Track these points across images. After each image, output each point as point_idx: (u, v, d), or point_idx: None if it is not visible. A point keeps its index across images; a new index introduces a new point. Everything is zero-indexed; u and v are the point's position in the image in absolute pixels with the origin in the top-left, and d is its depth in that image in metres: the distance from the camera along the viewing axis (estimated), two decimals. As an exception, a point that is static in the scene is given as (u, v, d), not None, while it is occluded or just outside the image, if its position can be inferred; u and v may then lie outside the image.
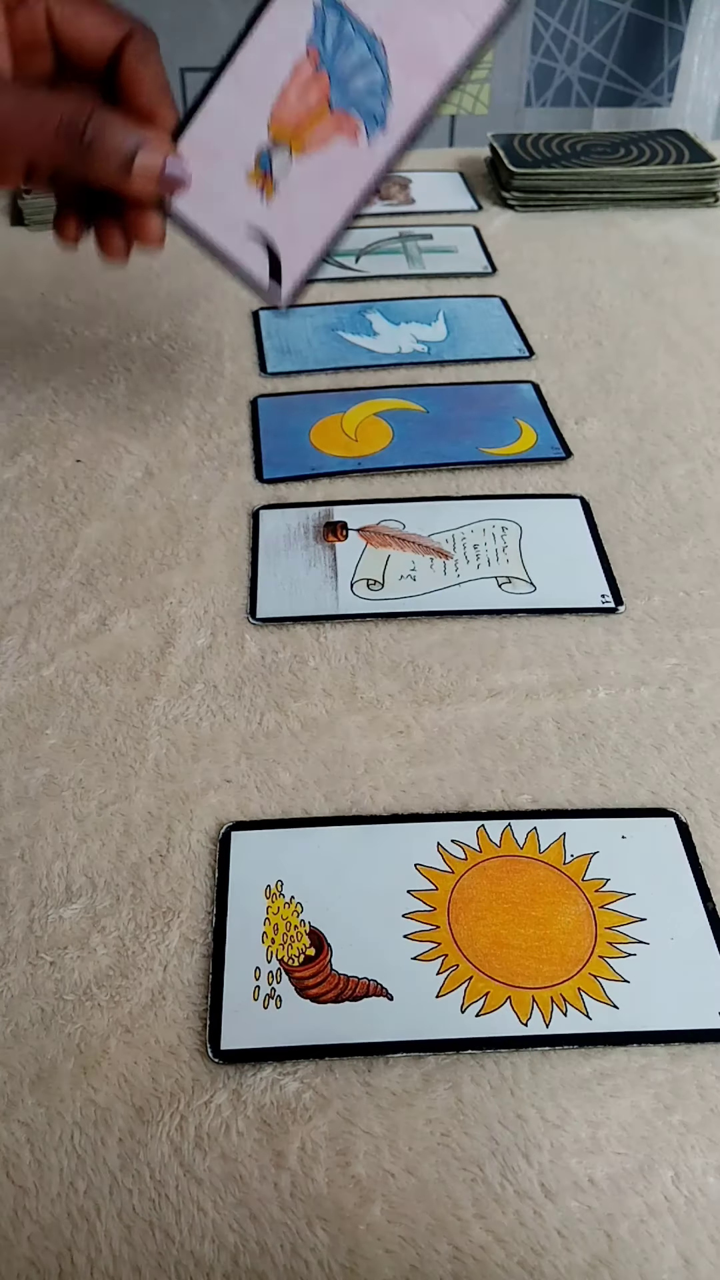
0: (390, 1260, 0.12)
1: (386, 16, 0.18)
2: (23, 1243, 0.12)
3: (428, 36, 0.18)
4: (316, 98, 0.19)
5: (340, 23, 0.18)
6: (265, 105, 0.19)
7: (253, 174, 0.19)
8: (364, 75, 0.19)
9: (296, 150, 0.19)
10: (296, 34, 0.18)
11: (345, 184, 0.20)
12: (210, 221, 0.20)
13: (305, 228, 0.20)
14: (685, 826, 0.17)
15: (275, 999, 0.14)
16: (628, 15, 0.71)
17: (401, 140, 0.19)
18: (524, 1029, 0.14)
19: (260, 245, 0.20)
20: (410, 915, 0.15)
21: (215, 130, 0.19)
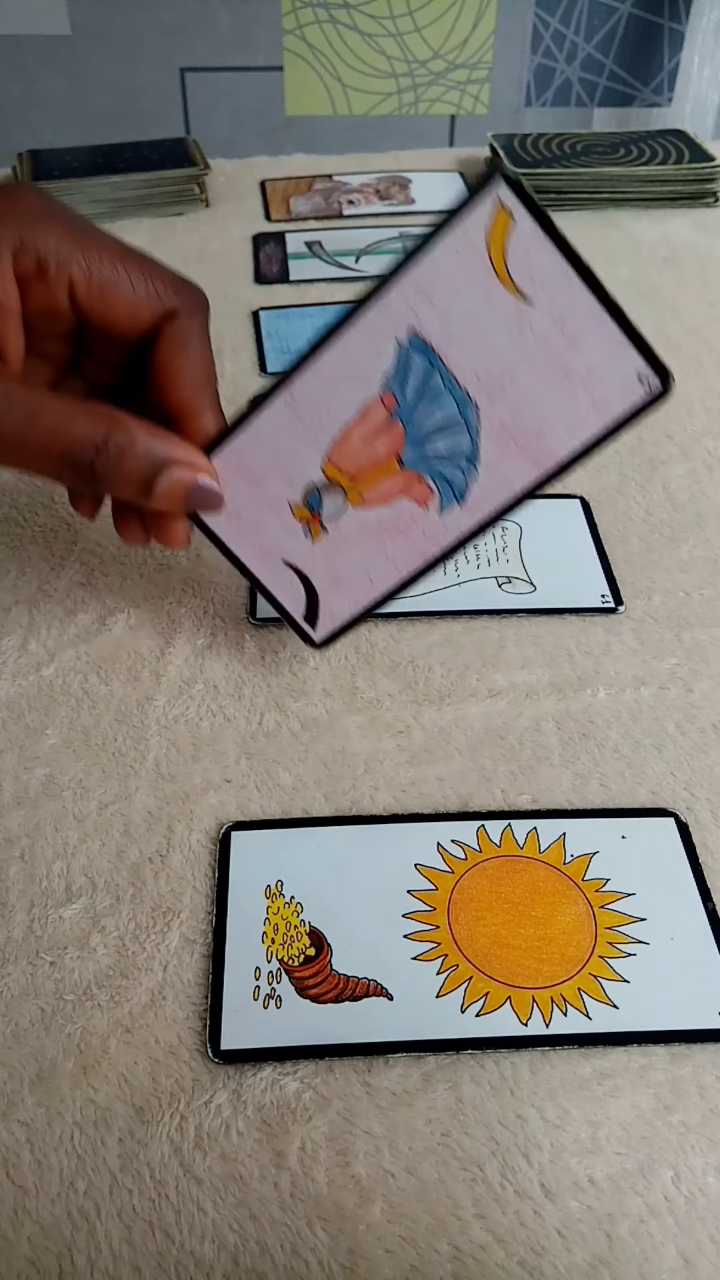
0: (390, 1260, 0.12)
1: (489, 379, 0.14)
2: (23, 1243, 0.12)
3: (537, 414, 0.14)
4: (385, 450, 0.15)
5: (428, 371, 0.14)
6: (322, 442, 0.15)
7: (298, 509, 0.16)
8: (447, 438, 0.14)
9: (353, 500, 0.15)
10: (371, 371, 0.14)
11: (406, 550, 0.16)
12: (243, 544, 0.17)
13: (352, 581, 0.16)
14: (685, 826, 0.17)
15: (275, 999, 0.14)
16: (628, 15, 0.71)
17: (481, 521, 0.15)
18: (524, 1029, 0.14)
19: (298, 580, 0.16)
20: (410, 915, 0.15)
21: (260, 453, 0.15)
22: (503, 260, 0.13)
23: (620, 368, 0.13)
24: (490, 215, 0.13)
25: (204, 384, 0.16)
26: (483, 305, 0.13)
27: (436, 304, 0.13)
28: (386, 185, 0.38)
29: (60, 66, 0.71)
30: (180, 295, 0.16)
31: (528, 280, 0.13)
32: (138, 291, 0.15)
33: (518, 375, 0.14)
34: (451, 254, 0.13)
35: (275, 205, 0.37)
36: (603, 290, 0.13)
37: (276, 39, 0.71)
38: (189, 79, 0.73)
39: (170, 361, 0.15)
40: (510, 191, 0.13)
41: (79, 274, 0.15)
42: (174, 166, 0.36)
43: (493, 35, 0.72)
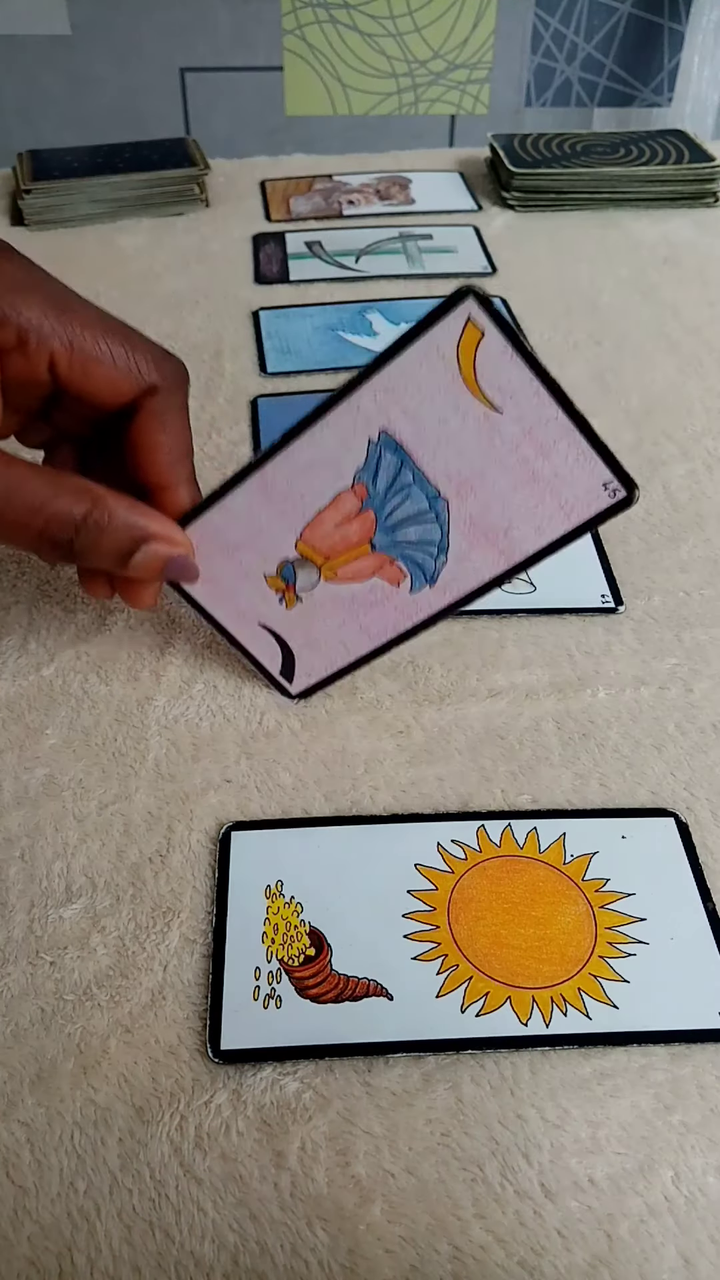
0: (390, 1260, 0.12)
1: (458, 478, 0.14)
2: (23, 1242, 0.12)
3: (505, 513, 0.14)
4: (357, 534, 0.15)
5: (399, 469, 0.14)
6: (295, 523, 0.15)
7: (272, 579, 0.16)
8: (417, 528, 0.15)
9: (327, 576, 0.16)
10: (343, 463, 0.15)
11: (380, 621, 0.16)
12: (218, 606, 0.17)
13: (327, 645, 0.17)
14: (685, 826, 0.17)
15: (275, 999, 0.14)
16: (628, 15, 0.71)
17: (451, 602, 0.16)
18: (524, 1029, 0.14)
19: (273, 640, 0.17)
20: (410, 915, 0.15)
21: (234, 527, 0.16)
22: (472, 371, 0.13)
23: (586, 476, 0.14)
24: (460, 329, 0.13)
25: (180, 459, 0.16)
26: (452, 412, 0.14)
27: (407, 408, 0.14)
28: (386, 185, 0.38)
29: (60, 66, 0.71)
30: (161, 370, 0.15)
31: (496, 391, 0.13)
32: (119, 367, 0.15)
33: (487, 476, 0.14)
34: (421, 362, 0.13)
35: (275, 205, 0.37)
36: (569, 404, 0.13)
37: (276, 39, 0.71)
38: (189, 79, 0.73)
39: (148, 436, 0.15)
40: (480, 309, 0.13)
41: (60, 348, 0.14)
42: (174, 166, 0.36)
43: (493, 35, 0.72)
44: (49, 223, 0.36)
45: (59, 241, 0.35)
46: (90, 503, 0.15)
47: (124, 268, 0.33)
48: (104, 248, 0.34)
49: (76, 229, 0.35)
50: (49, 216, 0.35)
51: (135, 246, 0.34)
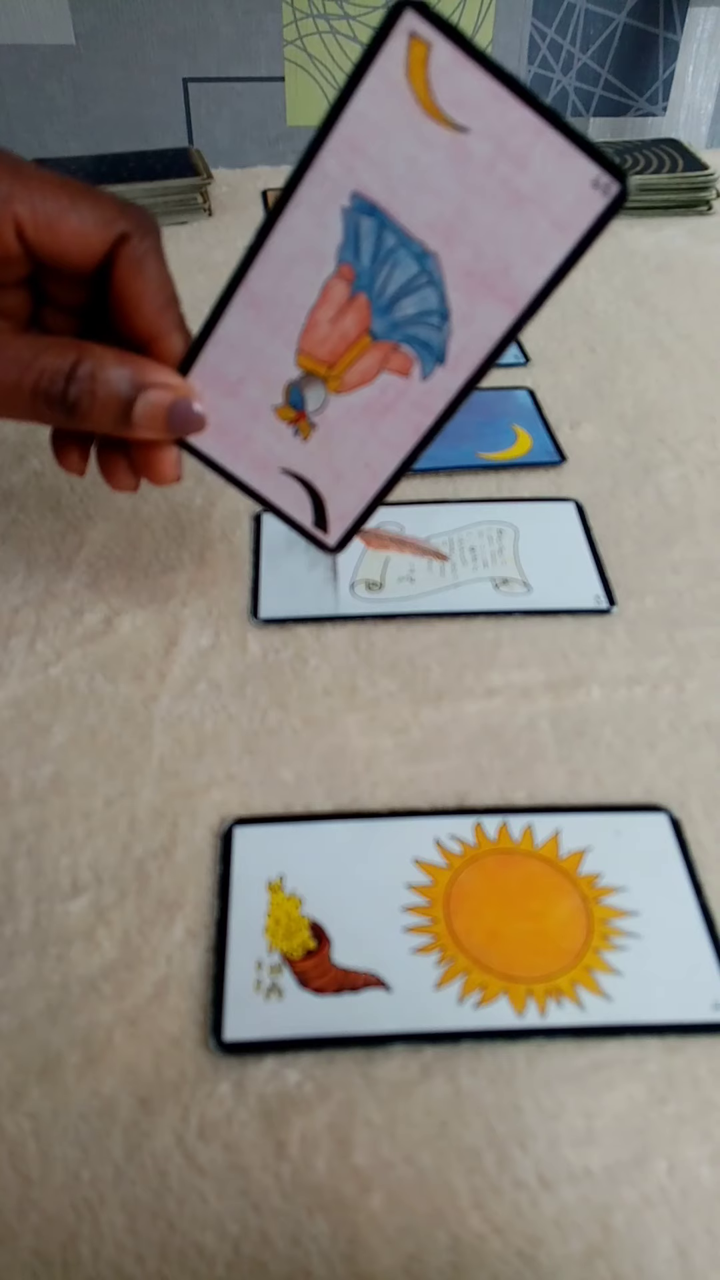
0: (390, 1249, 0.12)
1: (441, 224, 0.13)
2: (28, 1233, 0.13)
3: (499, 250, 0.13)
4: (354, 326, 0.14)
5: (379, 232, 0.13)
6: (290, 334, 0.14)
7: (282, 410, 0.15)
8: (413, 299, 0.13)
9: (334, 387, 0.14)
10: (323, 247, 0.13)
11: (399, 426, 0.15)
12: (236, 460, 0.16)
13: (352, 472, 0.15)
14: (677, 822, 0.17)
15: (277, 991, 0.14)
16: (623, 25, 0.72)
17: (467, 378, 0.14)
18: (520, 1021, 0.14)
19: (300, 486, 0.16)
20: (409, 909, 0.15)
21: (231, 361, 0.15)
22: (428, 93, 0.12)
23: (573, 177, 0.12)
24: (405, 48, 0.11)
25: (166, 305, 0.15)
26: (419, 145, 0.12)
27: (372, 157, 0.12)
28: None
29: (65, 76, 0.72)
30: (129, 218, 0.15)
31: (458, 108, 0.12)
32: (85, 219, 0.14)
33: (470, 212, 0.13)
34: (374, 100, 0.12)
35: (276, 214, 0.38)
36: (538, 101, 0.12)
37: (278, 50, 0.72)
38: (192, 89, 0.73)
39: (129, 287, 0.15)
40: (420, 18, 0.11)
41: (23, 210, 0.14)
42: (177, 176, 0.36)
43: (490, 46, 0.73)
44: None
45: (64, 250, 0.35)
46: (77, 353, 0.14)
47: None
48: (108, 256, 0.35)
49: (81, 237, 0.36)
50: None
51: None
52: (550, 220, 0.13)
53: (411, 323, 0.14)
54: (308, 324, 0.14)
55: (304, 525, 0.17)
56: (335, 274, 0.14)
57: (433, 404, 0.15)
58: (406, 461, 0.16)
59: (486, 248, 0.13)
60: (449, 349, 0.14)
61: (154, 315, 0.15)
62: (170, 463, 0.16)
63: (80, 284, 0.16)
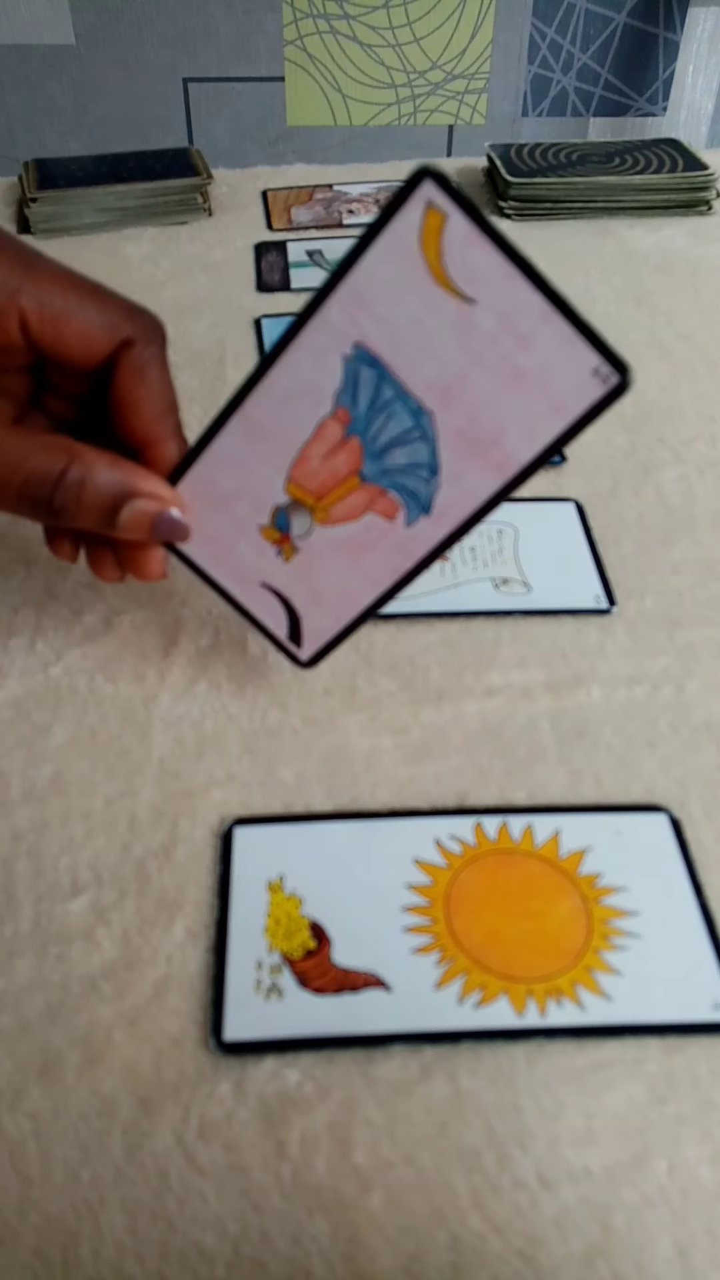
0: (390, 1249, 0.12)
1: (441, 386, 0.13)
2: (28, 1233, 0.13)
3: (494, 419, 0.13)
4: (345, 466, 0.14)
5: (378, 384, 0.13)
6: (282, 462, 0.14)
7: (267, 530, 0.15)
8: (405, 450, 0.14)
9: (320, 518, 0.15)
10: (321, 388, 0.13)
11: (380, 564, 0.15)
12: (217, 567, 0.16)
13: (330, 597, 0.16)
14: (677, 822, 0.17)
15: (277, 991, 0.14)
16: (623, 25, 0.72)
17: (450, 531, 0.14)
18: (520, 1021, 0.14)
19: (277, 600, 0.16)
20: (409, 909, 0.15)
21: (222, 477, 0.15)
22: (439, 261, 0.12)
23: (574, 364, 0.12)
24: (420, 216, 0.12)
25: (165, 413, 0.15)
26: (425, 310, 0.12)
27: (377, 314, 0.13)
28: (386, 195, 0.39)
29: (65, 76, 0.72)
30: (135, 323, 0.15)
31: (468, 280, 0.12)
32: (91, 321, 0.15)
33: (470, 379, 0.13)
34: (385, 261, 0.12)
35: (277, 214, 0.38)
36: (547, 285, 0.12)
37: (278, 50, 0.72)
38: (192, 89, 0.74)
39: (129, 392, 0.15)
40: (438, 189, 0.12)
41: (30, 304, 0.14)
42: (177, 176, 0.36)
43: (490, 46, 0.73)
44: (54, 231, 0.36)
45: (64, 250, 0.35)
46: (68, 457, 0.14)
47: (128, 276, 0.34)
48: (108, 256, 0.35)
49: (81, 238, 0.36)
50: (54, 225, 0.36)
51: (139, 255, 0.35)
52: (548, 400, 0.13)
53: (401, 472, 0.14)
54: (300, 456, 0.15)
55: (278, 637, 0.17)
56: (331, 414, 0.14)
57: (414, 549, 0.15)
58: (384, 596, 0.16)
59: (482, 414, 0.13)
60: (435, 502, 0.14)
61: (151, 422, 0.15)
62: (156, 562, 0.16)
63: (81, 377, 0.16)
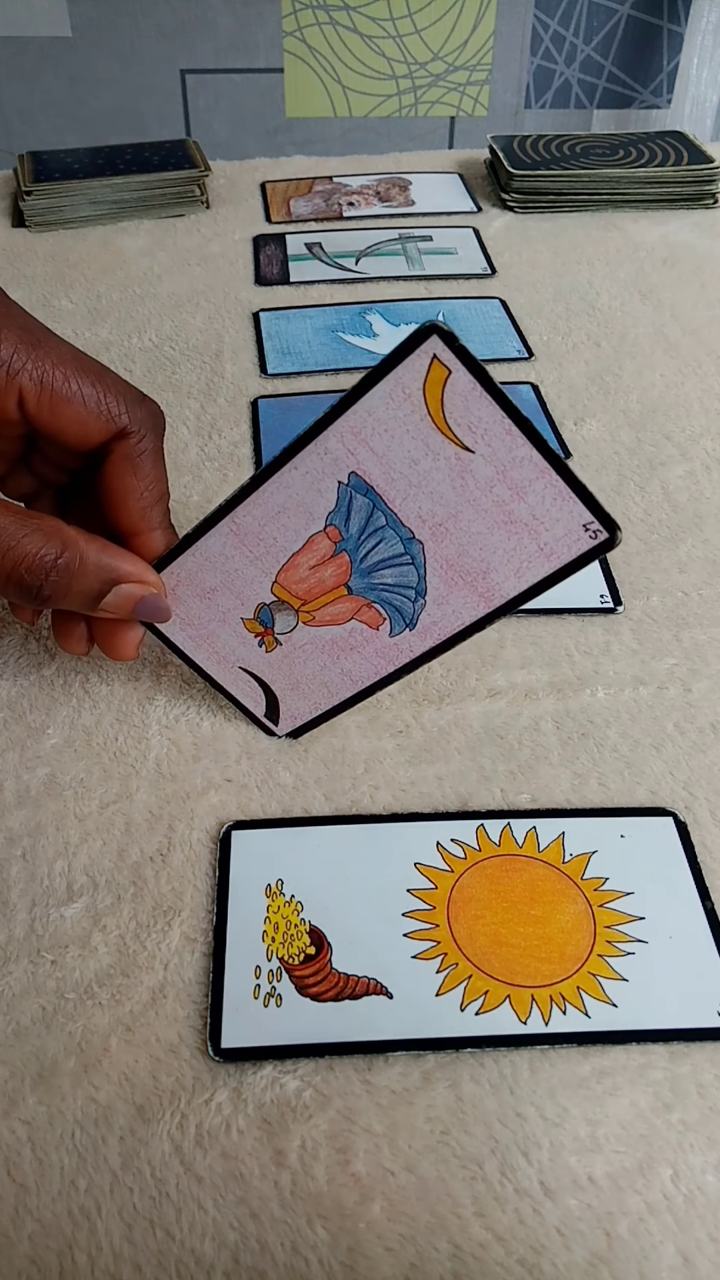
0: (390, 1258, 0.12)
1: (432, 520, 0.14)
2: (24, 1241, 0.12)
3: (483, 555, 0.14)
4: (333, 578, 0.15)
5: (370, 512, 0.14)
6: (269, 566, 0.15)
7: (250, 623, 0.16)
8: (393, 571, 0.14)
9: (305, 619, 0.15)
10: (314, 507, 0.14)
11: (362, 665, 0.16)
12: (198, 650, 0.17)
13: (309, 688, 0.16)
14: (684, 826, 0.17)
15: (275, 997, 0.14)
16: (627, 17, 0.72)
17: (432, 646, 0.15)
18: (523, 1027, 0.14)
19: (255, 683, 0.17)
20: (410, 914, 0.15)
21: (208, 572, 0.15)
22: (440, 411, 0.13)
23: (565, 518, 0.13)
24: (426, 367, 0.13)
25: (154, 504, 0.15)
26: (423, 452, 0.13)
27: (375, 449, 0.13)
28: (386, 187, 0.39)
29: (61, 68, 0.71)
30: (133, 414, 0.15)
31: (467, 431, 0.13)
32: (89, 408, 0.14)
33: (462, 518, 0.14)
34: (387, 403, 0.13)
35: (275, 207, 0.37)
36: (543, 443, 0.13)
37: (277, 41, 0.71)
38: (189, 80, 0.73)
39: (120, 481, 0.15)
40: (445, 346, 0.12)
41: (29, 385, 0.14)
42: (175, 168, 0.36)
43: (492, 37, 0.73)
44: (50, 224, 0.36)
45: (60, 243, 0.35)
46: (61, 545, 0.14)
47: (125, 269, 0.33)
48: (105, 249, 0.34)
49: (77, 230, 0.35)
50: (50, 218, 0.36)
51: (136, 248, 0.34)
52: (538, 545, 0.14)
53: (388, 589, 0.15)
54: (288, 563, 0.15)
55: (255, 714, 0.17)
56: (322, 531, 0.14)
57: (396, 658, 0.16)
58: (364, 693, 0.16)
59: (471, 549, 0.14)
60: (420, 620, 0.15)
61: (140, 512, 0.15)
62: (131, 643, 0.16)
63: (75, 455, 0.15)
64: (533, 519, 0.13)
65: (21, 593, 0.14)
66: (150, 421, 0.15)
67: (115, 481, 0.15)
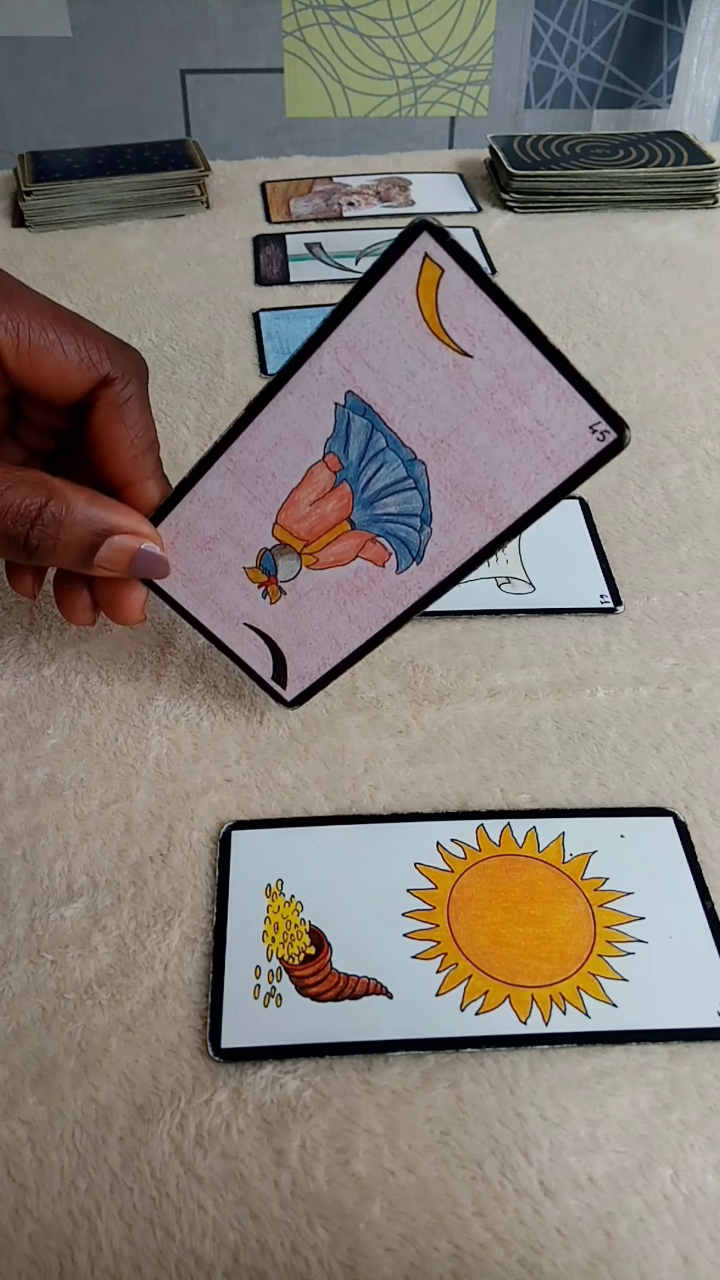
0: (390, 1258, 0.12)
1: (434, 436, 0.13)
2: (24, 1241, 0.12)
3: (488, 471, 0.13)
4: (335, 512, 0.14)
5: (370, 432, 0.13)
6: (269, 506, 0.14)
7: (252, 572, 0.15)
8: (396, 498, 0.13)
9: (308, 562, 0.14)
10: (311, 434, 0.13)
11: (369, 609, 0.15)
12: (202, 608, 0.16)
13: (316, 640, 0.16)
14: (684, 826, 0.17)
15: (275, 997, 0.14)
16: (627, 17, 0.72)
17: (441, 579, 0.14)
18: (523, 1027, 0.14)
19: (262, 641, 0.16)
20: (410, 914, 0.15)
21: (207, 519, 0.15)
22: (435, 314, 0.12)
23: (571, 420, 0.12)
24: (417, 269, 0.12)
25: (145, 452, 0.15)
26: (420, 362, 0.12)
27: (371, 363, 0.12)
28: (386, 187, 0.39)
29: (61, 68, 0.71)
30: (115, 361, 0.14)
31: (464, 333, 0.12)
32: (70, 357, 0.14)
33: (464, 431, 0.13)
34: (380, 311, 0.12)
35: (275, 207, 0.37)
36: (545, 341, 0.12)
37: (277, 41, 0.71)
38: (189, 81, 0.73)
39: (108, 431, 0.14)
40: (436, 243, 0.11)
41: (6, 338, 0.14)
42: (175, 168, 0.36)
43: (492, 37, 0.73)
44: (50, 224, 0.36)
45: (60, 243, 0.35)
46: (46, 493, 0.14)
47: (125, 269, 0.33)
48: (105, 249, 0.34)
49: (77, 230, 0.35)
50: (50, 218, 0.36)
51: (136, 248, 0.34)
52: (544, 453, 0.13)
53: (392, 520, 0.14)
54: (288, 501, 0.14)
55: (262, 677, 0.17)
56: (321, 461, 0.14)
57: (404, 597, 0.15)
58: (372, 641, 0.16)
59: (476, 466, 0.13)
60: (427, 550, 0.14)
61: (130, 461, 0.15)
62: (135, 603, 0.16)
63: (59, 412, 0.15)
64: (537, 425, 0.12)
65: (8, 545, 0.14)
66: (134, 367, 0.15)
67: (103, 432, 0.14)
